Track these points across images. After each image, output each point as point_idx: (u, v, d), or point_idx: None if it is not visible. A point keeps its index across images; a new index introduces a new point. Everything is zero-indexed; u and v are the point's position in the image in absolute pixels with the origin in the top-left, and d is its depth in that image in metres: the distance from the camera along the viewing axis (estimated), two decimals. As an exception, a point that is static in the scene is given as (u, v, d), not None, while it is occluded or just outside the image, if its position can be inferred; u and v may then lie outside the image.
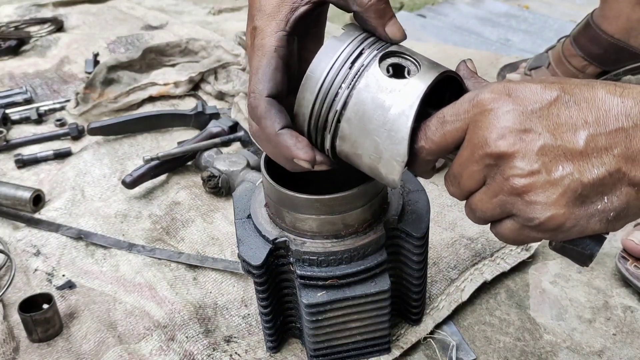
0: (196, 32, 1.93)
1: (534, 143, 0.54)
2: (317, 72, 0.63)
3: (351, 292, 0.78)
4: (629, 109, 0.52)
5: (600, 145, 0.53)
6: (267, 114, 0.64)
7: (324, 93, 0.63)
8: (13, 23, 2.07)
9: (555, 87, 0.55)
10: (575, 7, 2.18)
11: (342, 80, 0.63)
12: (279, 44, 0.65)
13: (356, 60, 0.63)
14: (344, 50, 0.63)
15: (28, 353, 0.92)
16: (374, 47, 0.64)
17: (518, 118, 0.55)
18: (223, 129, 1.36)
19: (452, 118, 0.59)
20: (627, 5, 1.37)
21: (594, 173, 0.53)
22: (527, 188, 0.55)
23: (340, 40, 0.64)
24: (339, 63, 0.63)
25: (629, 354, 0.88)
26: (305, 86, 0.64)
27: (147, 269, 1.06)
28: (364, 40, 0.64)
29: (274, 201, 0.77)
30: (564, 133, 0.54)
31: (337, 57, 0.63)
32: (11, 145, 1.42)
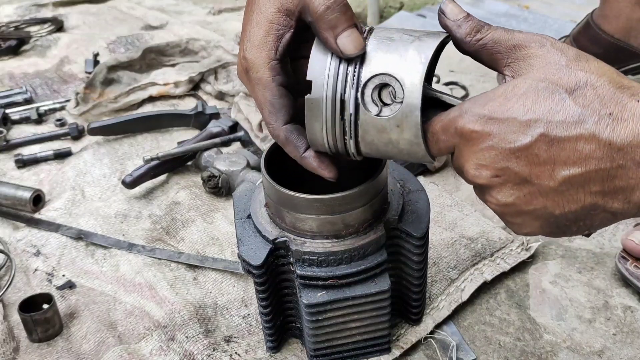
0: (196, 32, 1.93)
1: (509, 182, 0.56)
2: (316, 95, 0.63)
3: (351, 292, 0.78)
4: (615, 153, 0.52)
5: (577, 183, 0.54)
6: (288, 141, 0.68)
7: (331, 114, 0.63)
8: (13, 23, 2.07)
9: (539, 124, 0.53)
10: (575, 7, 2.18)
11: (342, 93, 0.62)
12: (274, 74, 0.66)
13: (342, 113, 0.63)
14: (330, 65, 0.62)
15: (28, 353, 0.92)
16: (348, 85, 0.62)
17: (496, 158, 0.56)
18: (223, 129, 1.36)
19: (443, 137, 0.60)
20: (627, 5, 1.37)
21: (568, 208, 0.55)
22: (505, 213, 0.60)
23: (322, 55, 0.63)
24: (332, 77, 0.62)
25: (629, 354, 0.88)
26: (310, 115, 0.64)
27: (147, 269, 1.06)
28: (336, 85, 0.63)
29: (274, 201, 0.77)
30: (542, 173, 0.54)
31: (328, 72, 0.62)
32: (11, 145, 1.42)
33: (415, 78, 0.59)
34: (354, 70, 0.62)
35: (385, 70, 0.60)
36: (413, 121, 0.60)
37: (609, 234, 1.08)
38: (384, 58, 0.61)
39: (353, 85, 0.62)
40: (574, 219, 0.57)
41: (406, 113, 0.60)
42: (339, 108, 0.63)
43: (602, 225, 0.58)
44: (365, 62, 0.61)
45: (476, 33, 0.60)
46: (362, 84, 0.61)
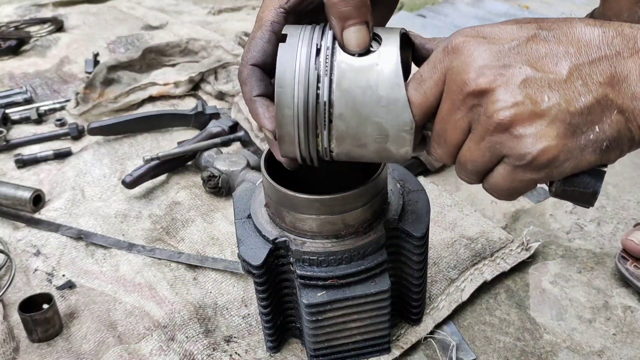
0: (196, 32, 1.93)
1: (515, 76, 0.53)
2: (286, 84, 0.60)
3: (351, 292, 0.78)
4: (611, 39, 0.52)
5: (585, 73, 0.52)
6: (248, 80, 0.66)
7: (303, 103, 0.60)
8: (13, 23, 2.07)
9: (531, 25, 0.54)
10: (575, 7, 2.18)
11: (315, 82, 0.60)
12: (275, 19, 0.66)
13: (318, 56, 0.60)
14: (300, 51, 0.60)
15: (28, 353, 0.92)
16: (327, 34, 0.61)
17: (495, 55, 0.54)
18: (223, 129, 1.36)
19: (428, 73, 0.57)
20: (627, 4, 1.37)
21: (582, 101, 0.52)
22: (514, 121, 0.53)
23: (290, 44, 0.61)
24: (303, 67, 0.60)
25: (629, 354, 0.88)
26: (280, 103, 0.61)
27: (147, 269, 1.06)
28: (313, 34, 0.61)
29: (274, 201, 0.77)
30: (546, 65, 0.53)
31: (298, 61, 0.60)
32: (11, 145, 1.42)
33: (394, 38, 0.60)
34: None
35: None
36: (393, 55, 0.59)
37: (609, 234, 1.08)
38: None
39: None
40: (590, 121, 0.53)
41: (385, 51, 0.59)
42: (314, 53, 0.60)
43: (617, 138, 0.53)
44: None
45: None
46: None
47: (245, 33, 1.63)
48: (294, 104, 0.60)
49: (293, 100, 0.60)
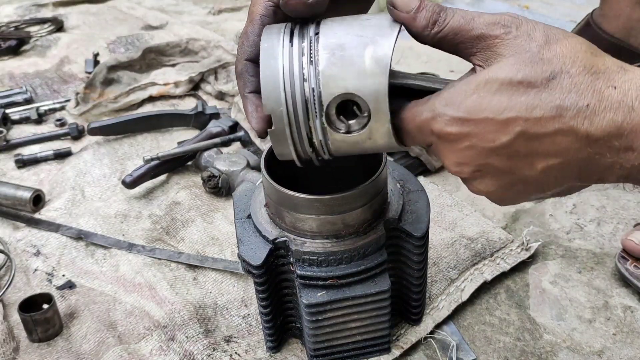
0: (196, 32, 1.93)
1: (489, 174, 0.56)
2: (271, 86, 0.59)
3: (351, 292, 0.78)
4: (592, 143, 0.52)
5: (557, 171, 0.54)
6: (241, 76, 0.67)
7: (292, 101, 0.59)
8: (13, 23, 2.07)
9: (518, 123, 0.52)
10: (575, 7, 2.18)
11: (301, 77, 0.58)
12: (264, 13, 0.66)
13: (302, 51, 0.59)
14: (283, 50, 0.59)
15: (28, 353, 0.92)
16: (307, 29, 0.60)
17: (476, 156, 0.55)
18: (223, 129, 1.36)
19: (419, 136, 0.59)
20: (627, 4, 1.37)
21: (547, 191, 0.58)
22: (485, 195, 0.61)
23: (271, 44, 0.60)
24: (287, 63, 0.58)
25: (629, 354, 0.88)
26: (278, 144, 0.60)
27: (147, 269, 1.06)
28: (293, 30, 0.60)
29: (274, 201, 0.77)
30: (522, 165, 0.55)
31: (281, 59, 0.59)
32: (11, 145, 1.42)
33: (380, 92, 0.56)
34: (313, 96, 0.58)
35: (347, 89, 0.57)
36: (384, 131, 0.58)
37: (609, 234, 1.08)
38: (341, 75, 0.57)
39: (316, 112, 0.58)
40: (552, 195, 0.59)
41: (376, 127, 0.58)
42: (306, 137, 0.60)
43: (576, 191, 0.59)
44: (322, 83, 0.57)
45: (433, 25, 0.57)
46: (325, 107, 0.58)
47: (245, 33, 1.63)
48: (284, 104, 0.59)
49: (282, 101, 0.59)
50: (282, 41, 0.59)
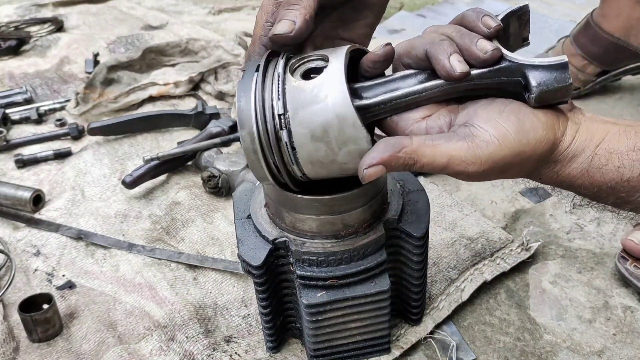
0: (196, 32, 1.93)
1: None
2: (245, 121, 0.63)
3: (351, 292, 0.78)
4: None
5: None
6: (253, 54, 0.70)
7: (264, 136, 0.63)
8: (13, 23, 2.07)
9: None
10: (575, 7, 2.18)
11: (271, 115, 0.63)
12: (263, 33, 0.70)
13: (272, 85, 0.63)
14: (255, 90, 0.64)
15: (28, 353, 0.92)
16: (279, 62, 0.65)
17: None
18: (223, 129, 1.36)
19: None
20: (627, 4, 1.37)
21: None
22: None
23: (246, 79, 0.65)
24: (259, 100, 0.63)
25: (629, 354, 0.88)
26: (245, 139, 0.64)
27: (147, 269, 1.06)
28: (268, 64, 0.65)
29: (274, 201, 0.77)
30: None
31: (253, 96, 0.63)
32: (11, 145, 1.42)
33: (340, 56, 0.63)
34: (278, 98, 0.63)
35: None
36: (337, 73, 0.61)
37: (609, 234, 1.08)
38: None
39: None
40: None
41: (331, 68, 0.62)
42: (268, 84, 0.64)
43: None
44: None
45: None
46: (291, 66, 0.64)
47: (245, 33, 1.63)
48: (255, 137, 0.63)
49: (254, 134, 0.63)
50: (256, 78, 0.65)
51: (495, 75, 0.62)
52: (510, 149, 0.60)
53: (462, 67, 0.60)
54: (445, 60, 0.60)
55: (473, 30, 0.62)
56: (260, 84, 0.64)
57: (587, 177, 0.63)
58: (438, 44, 0.61)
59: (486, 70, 0.62)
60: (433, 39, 0.62)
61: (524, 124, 0.60)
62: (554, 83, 0.60)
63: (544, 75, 0.60)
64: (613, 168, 0.61)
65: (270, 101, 0.63)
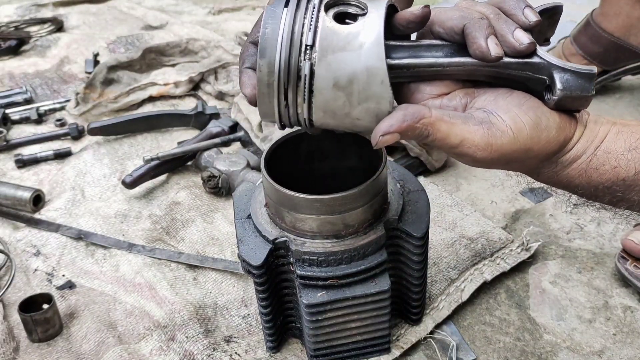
0: (196, 32, 1.93)
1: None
2: (267, 46, 0.59)
3: (351, 292, 0.78)
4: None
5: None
6: (242, 55, 0.68)
7: (285, 70, 0.59)
8: (13, 23, 2.07)
9: None
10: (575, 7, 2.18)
11: (298, 49, 0.59)
12: None
13: (303, 21, 0.59)
14: (285, 15, 0.59)
15: (28, 353, 0.92)
16: (310, 2, 0.60)
17: None
18: (223, 129, 1.36)
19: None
20: (627, 3, 1.37)
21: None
22: None
23: (276, 6, 0.60)
24: (287, 30, 0.59)
25: (629, 354, 0.88)
26: (262, 66, 0.59)
27: (147, 269, 1.06)
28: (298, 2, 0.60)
29: (274, 201, 0.77)
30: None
31: (282, 25, 0.59)
32: (11, 145, 1.42)
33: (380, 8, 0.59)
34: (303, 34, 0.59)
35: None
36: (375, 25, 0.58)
37: (609, 234, 1.08)
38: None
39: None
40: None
41: (369, 19, 0.58)
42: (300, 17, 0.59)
43: None
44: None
45: None
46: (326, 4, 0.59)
47: (245, 33, 1.63)
48: (275, 68, 0.59)
49: (275, 64, 0.59)
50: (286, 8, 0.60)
51: (523, 68, 0.60)
52: (522, 143, 0.59)
53: (498, 50, 0.59)
54: (482, 40, 0.58)
55: (512, 17, 0.61)
56: (292, 13, 0.59)
57: (585, 178, 0.63)
58: (477, 22, 0.59)
59: (515, 61, 0.60)
60: (471, 15, 0.60)
61: (540, 122, 0.60)
62: (578, 90, 0.59)
63: (571, 80, 0.59)
64: (610, 168, 0.61)
65: (300, 35, 0.58)
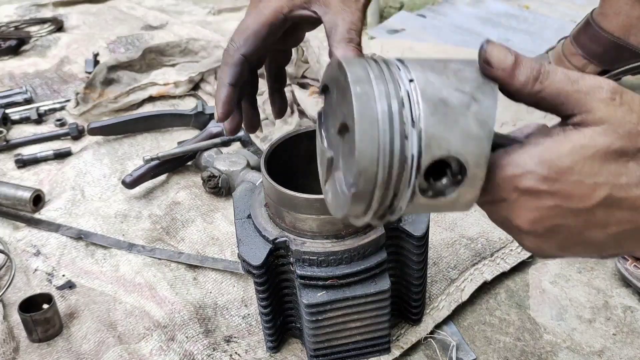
0: (196, 32, 1.93)
1: (561, 235, 0.55)
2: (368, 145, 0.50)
3: (351, 292, 0.78)
4: None
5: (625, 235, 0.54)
6: (231, 65, 0.71)
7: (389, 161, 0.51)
8: (13, 23, 2.07)
9: (605, 188, 0.52)
10: (575, 7, 2.18)
11: (402, 136, 0.50)
12: (275, 21, 0.70)
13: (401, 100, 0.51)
14: (379, 99, 0.51)
15: (28, 353, 0.92)
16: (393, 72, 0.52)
17: (556, 215, 0.53)
18: (223, 129, 1.36)
19: (495, 193, 0.55)
20: (627, 2, 1.37)
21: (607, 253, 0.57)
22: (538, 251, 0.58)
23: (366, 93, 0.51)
24: (387, 121, 0.50)
25: (629, 354, 0.88)
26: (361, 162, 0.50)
27: (147, 269, 1.06)
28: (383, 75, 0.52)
29: (274, 201, 0.77)
30: (595, 229, 0.54)
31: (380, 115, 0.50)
32: (11, 145, 1.42)
33: (482, 156, 0.52)
34: (412, 157, 0.50)
35: (449, 152, 0.51)
36: (472, 195, 0.53)
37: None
38: (445, 136, 0.51)
39: (410, 175, 0.51)
40: (605, 257, 0.58)
41: (466, 190, 0.53)
42: (390, 200, 0.53)
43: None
44: (424, 143, 0.50)
45: (534, 82, 0.53)
46: (423, 170, 0.51)
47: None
48: (380, 164, 0.51)
49: (378, 160, 0.51)
50: (376, 88, 0.52)
51: None
52: None
53: None
54: None
55: None
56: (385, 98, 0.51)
57: None
58: None
59: None
60: None
61: None
62: None
63: None
64: None
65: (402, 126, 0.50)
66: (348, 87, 0.51)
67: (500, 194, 0.54)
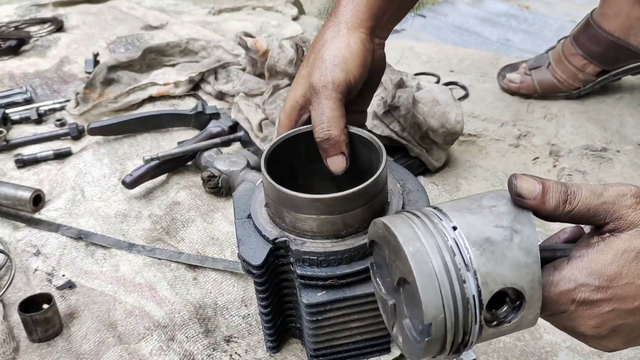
0: (196, 32, 1.93)
1: (623, 332, 0.59)
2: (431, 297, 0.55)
3: (351, 292, 0.77)
4: None
5: None
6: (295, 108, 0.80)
7: (453, 306, 0.55)
8: (13, 23, 2.07)
9: None
10: (575, 7, 2.18)
11: (460, 282, 0.55)
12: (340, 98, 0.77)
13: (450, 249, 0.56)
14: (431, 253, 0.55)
15: (28, 353, 0.92)
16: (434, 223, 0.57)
17: (616, 318, 0.58)
18: (223, 129, 1.36)
19: (553, 306, 0.59)
20: (627, 3, 1.38)
21: None
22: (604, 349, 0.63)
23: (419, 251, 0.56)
24: (442, 269, 0.55)
25: (629, 354, 0.88)
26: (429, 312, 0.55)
27: (147, 269, 1.06)
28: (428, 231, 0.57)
29: (274, 201, 0.77)
30: None
31: (434, 266, 0.55)
32: (11, 145, 1.42)
33: (535, 281, 0.56)
34: (473, 297, 0.55)
35: (505, 284, 0.56)
36: (533, 316, 0.58)
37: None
38: (497, 271, 0.56)
39: (475, 313, 0.56)
40: None
41: (528, 313, 0.58)
42: (460, 337, 0.57)
43: None
44: (481, 282, 0.55)
45: (564, 204, 0.59)
46: (485, 305, 0.56)
47: (245, 33, 1.63)
48: (446, 311, 0.55)
49: (443, 308, 0.55)
50: (426, 243, 0.56)
51: None
52: None
53: None
54: None
55: None
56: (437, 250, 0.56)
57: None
58: None
59: None
60: None
61: None
62: None
63: None
64: None
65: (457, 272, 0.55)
66: (400, 248, 0.56)
67: (559, 307, 0.59)
